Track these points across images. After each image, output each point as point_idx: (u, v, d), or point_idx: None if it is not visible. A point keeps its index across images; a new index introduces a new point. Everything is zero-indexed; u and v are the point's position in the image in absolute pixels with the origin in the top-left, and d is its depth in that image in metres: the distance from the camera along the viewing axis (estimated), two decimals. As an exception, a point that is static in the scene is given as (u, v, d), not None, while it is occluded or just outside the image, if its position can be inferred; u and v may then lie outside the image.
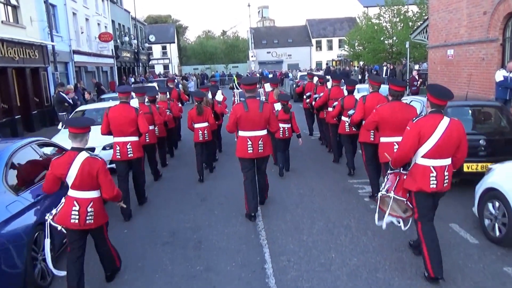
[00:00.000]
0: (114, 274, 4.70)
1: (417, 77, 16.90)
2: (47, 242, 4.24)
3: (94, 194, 4.23)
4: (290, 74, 36.94)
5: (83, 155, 4.16)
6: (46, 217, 4.27)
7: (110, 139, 7.07)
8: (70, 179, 4.14)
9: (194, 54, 76.83)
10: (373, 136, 6.62)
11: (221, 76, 47.52)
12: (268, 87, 10.78)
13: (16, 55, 15.99)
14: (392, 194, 4.50)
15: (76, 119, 4.82)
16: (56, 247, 4.92)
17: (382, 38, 29.80)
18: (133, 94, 8.20)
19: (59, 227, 4.21)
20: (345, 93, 8.63)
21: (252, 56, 59.27)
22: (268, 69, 52.16)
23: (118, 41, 33.32)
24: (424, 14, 27.50)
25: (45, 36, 18.60)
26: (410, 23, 28.36)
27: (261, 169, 6.54)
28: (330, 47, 61.89)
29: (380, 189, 4.75)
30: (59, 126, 11.30)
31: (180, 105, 12.20)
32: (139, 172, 7.07)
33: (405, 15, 29.53)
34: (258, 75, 36.85)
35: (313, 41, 62.48)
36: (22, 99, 16.88)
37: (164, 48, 60.97)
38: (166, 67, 60.43)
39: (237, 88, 14.58)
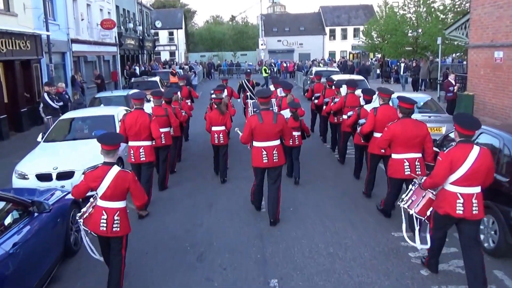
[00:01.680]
0: None
1: (453, 82, 14.88)
2: (85, 237, 4.93)
3: (120, 204, 4.71)
4: (303, 67, 34.86)
5: (115, 169, 4.63)
6: (77, 218, 4.91)
7: (94, 161, 6.63)
8: (101, 190, 4.60)
9: (201, 40, 74.49)
10: (384, 149, 6.62)
11: (228, 66, 45.46)
12: (280, 92, 10.26)
13: (4, 47, 14.16)
14: (412, 212, 4.93)
15: (108, 137, 4.93)
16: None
17: (406, 31, 27.54)
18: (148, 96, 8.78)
19: (89, 231, 4.76)
20: (362, 102, 8.68)
21: (262, 44, 56.95)
22: (279, 59, 50.10)
23: (122, 27, 31.26)
24: (457, 6, 25.18)
25: (40, 24, 16.70)
26: (441, 16, 26.02)
27: (273, 178, 6.60)
28: (344, 37, 59.32)
29: (404, 198, 5.14)
30: (39, 138, 9.32)
31: (189, 103, 12.23)
32: (148, 175, 7.40)
33: (431, 5, 27.17)
34: (265, 65, 34.70)
35: (327, 29, 59.80)
36: (10, 96, 15.11)
37: (171, 34, 58.65)
38: (172, 53, 58.29)
39: (247, 87, 13.94)
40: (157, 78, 20.19)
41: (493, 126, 6.74)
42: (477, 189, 4.44)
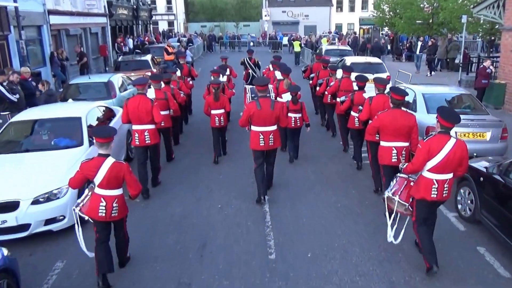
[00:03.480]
0: (126, 262, 5.40)
1: (492, 69, 12.71)
2: (79, 229, 4.99)
3: (118, 192, 4.95)
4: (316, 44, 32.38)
5: (110, 160, 4.87)
6: (73, 208, 5.07)
7: (45, 188, 6.06)
8: (97, 179, 4.83)
9: (202, 10, 71.29)
10: (378, 135, 6.80)
11: (230, 39, 42.91)
12: (278, 75, 10.28)
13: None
14: (397, 198, 5.31)
15: (101, 130, 5.11)
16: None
17: (422, 5, 25.03)
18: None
19: (86, 218, 4.95)
20: (355, 87, 8.85)
21: (265, 15, 54.16)
22: (283, 31, 47.48)
23: (113, -4, 28.82)
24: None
25: (6, -7, 14.48)
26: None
27: (270, 160, 7.35)
28: (351, 8, 56.24)
29: (388, 189, 5.52)
30: None
31: (190, 81, 12.08)
32: (155, 157, 7.75)
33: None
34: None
35: (333, 0, 56.70)
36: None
37: (169, 2, 55.71)
38: (171, 23, 55.57)
39: (249, 65, 13.86)
40: (148, 57, 17.93)
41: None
42: (450, 176, 4.99)
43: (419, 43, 22.33)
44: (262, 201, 7.15)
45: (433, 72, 20.97)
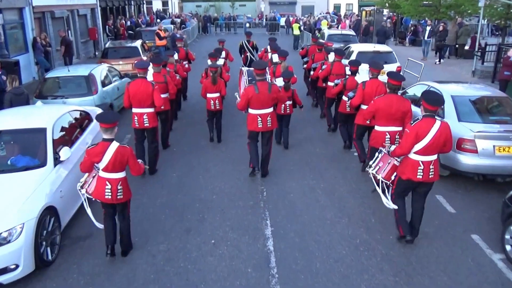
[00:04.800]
0: (128, 251, 5.52)
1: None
2: (87, 207, 5.36)
3: (121, 175, 5.18)
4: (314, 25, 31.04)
5: (115, 145, 5.05)
6: (78, 189, 5.33)
7: (7, 224, 4.82)
8: (103, 163, 5.03)
9: (197, -11, 69.15)
10: (369, 120, 7.14)
11: (226, 20, 41.37)
12: (275, 58, 10.31)
13: None
14: (379, 177, 5.66)
15: (104, 116, 5.17)
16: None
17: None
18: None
19: (93, 199, 5.25)
20: (348, 71, 8.88)
21: (262, -5, 52.47)
22: (280, 12, 45.96)
23: (103, -26, 27.21)
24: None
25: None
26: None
27: (266, 140, 7.54)
28: (351, -12, 54.61)
29: (371, 164, 5.83)
30: None
31: (186, 65, 12.18)
32: (153, 141, 7.85)
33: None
34: (298, 22, 30.73)
35: (332, -21, 55.04)
36: None
37: (163, -19, 53.78)
38: (165, 3, 53.66)
39: (247, 48, 13.86)
40: (137, 43, 16.71)
41: None
42: (434, 157, 5.21)
43: (428, 28, 21.04)
44: (256, 171, 7.61)
45: (442, 60, 19.84)
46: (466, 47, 21.10)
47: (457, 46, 21.43)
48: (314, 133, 10.19)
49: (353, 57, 13.43)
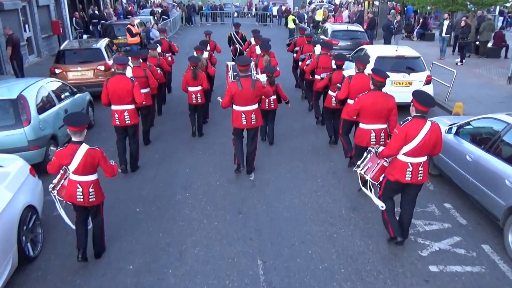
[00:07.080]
0: (101, 253, 5.42)
1: None
2: (60, 208, 5.23)
3: (93, 177, 5.05)
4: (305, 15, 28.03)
5: (84, 147, 4.88)
6: (50, 191, 5.17)
7: None
8: (73, 166, 4.88)
9: (181, -25, 65.35)
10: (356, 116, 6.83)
11: (212, 9, 38.19)
12: (258, 50, 10.28)
13: None
14: (368, 177, 5.52)
15: (73, 119, 5.02)
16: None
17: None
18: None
19: (64, 201, 5.13)
20: (334, 66, 8.55)
21: (252, -17, 49.23)
22: (272, 0, 42.86)
23: (69, -41, 23.65)
24: None
25: None
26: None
27: (251, 137, 7.46)
28: (347, -24, 51.37)
29: (360, 164, 5.65)
30: None
31: (170, 58, 11.84)
32: (134, 138, 7.71)
33: None
34: (293, 14, 27.72)
35: (326, -35, 51.65)
36: None
37: (144, -34, 49.83)
38: (147, -10, 49.85)
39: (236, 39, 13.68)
40: (101, 44, 13.27)
41: None
42: (424, 159, 5.04)
43: (445, 22, 18.18)
44: (241, 168, 7.56)
45: (463, 60, 17.04)
46: (489, 44, 18.37)
47: (477, 43, 18.68)
48: (302, 126, 10.17)
49: (371, 63, 10.52)
